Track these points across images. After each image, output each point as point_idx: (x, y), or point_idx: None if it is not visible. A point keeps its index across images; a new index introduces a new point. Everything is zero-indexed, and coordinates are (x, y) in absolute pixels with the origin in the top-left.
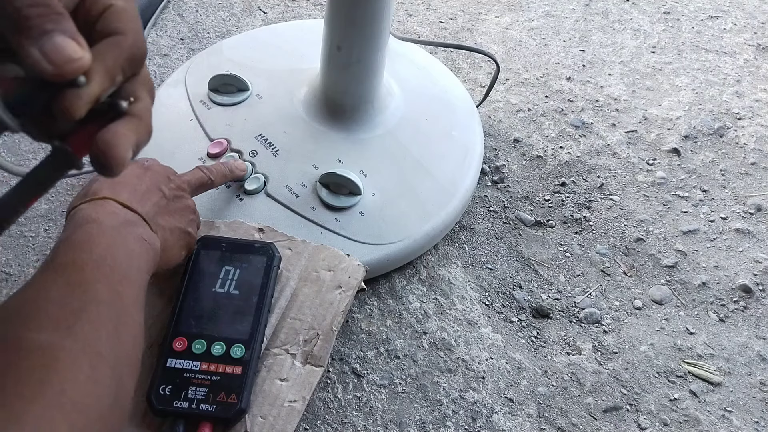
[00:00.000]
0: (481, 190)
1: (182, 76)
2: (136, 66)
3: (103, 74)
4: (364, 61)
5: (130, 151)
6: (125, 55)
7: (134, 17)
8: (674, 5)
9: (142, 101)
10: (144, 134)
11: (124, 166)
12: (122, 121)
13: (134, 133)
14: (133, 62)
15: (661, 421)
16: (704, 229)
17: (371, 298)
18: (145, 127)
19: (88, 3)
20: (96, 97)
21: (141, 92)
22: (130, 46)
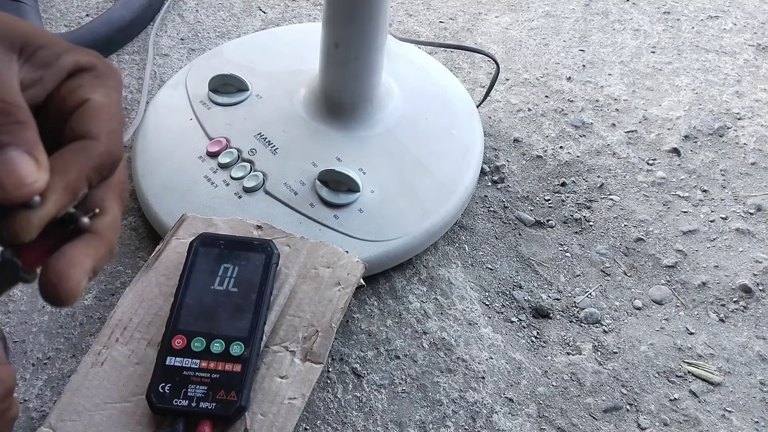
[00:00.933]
0: (481, 189)
1: (183, 78)
2: (106, 174)
3: (62, 192)
4: (362, 58)
5: (85, 281)
6: (93, 165)
7: (112, 116)
8: (674, 5)
9: (109, 213)
10: (104, 255)
11: (78, 297)
12: (80, 240)
13: (92, 257)
14: (102, 171)
15: (661, 421)
16: (704, 229)
17: (371, 297)
18: (106, 246)
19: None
20: (50, 218)
21: (109, 202)
22: (100, 154)
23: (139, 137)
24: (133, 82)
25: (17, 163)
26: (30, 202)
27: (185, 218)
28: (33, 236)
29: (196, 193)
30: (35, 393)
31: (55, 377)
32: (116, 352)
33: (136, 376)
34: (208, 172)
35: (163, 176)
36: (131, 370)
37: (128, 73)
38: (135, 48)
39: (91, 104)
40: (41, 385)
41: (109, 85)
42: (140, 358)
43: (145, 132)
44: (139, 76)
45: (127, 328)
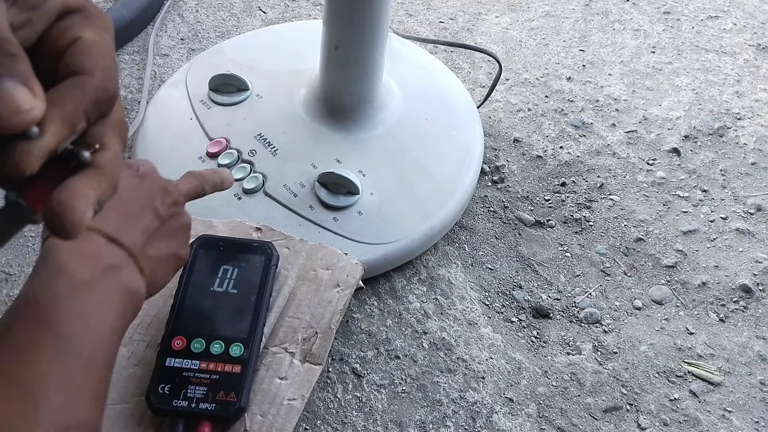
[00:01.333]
0: (481, 190)
1: (183, 76)
2: (103, 109)
3: (61, 123)
4: (362, 60)
5: (90, 212)
6: (89, 99)
7: (105, 53)
8: (674, 5)
9: (109, 149)
10: (108, 189)
11: (83, 228)
12: (82, 174)
13: (95, 189)
14: (99, 106)
15: (661, 421)
16: (704, 229)
17: (371, 298)
18: (109, 180)
19: (54, 33)
20: (51, 150)
21: (108, 138)
22: (95, 89)
23: (139, 137)
24: (133, 82)
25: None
26: (28, 132)
27: None
28: (34, 168)
29: None
30: None
31: None
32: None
33: (136, 377)
34: None
35: None
36: (131, 372)
37: (128, 73)
38: (135, 48)
39: (83, 42)
40: None
41: (100, 24)
42: (140, 359)
43: (145, 132)
44: (139, 76)
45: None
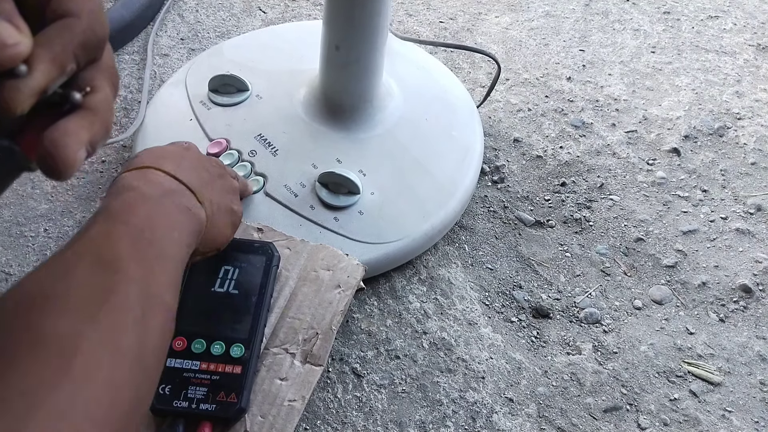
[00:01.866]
0: (481, 190)
1: (183, 77)
2: (92, 52)
3: (49, 62)
4: (362, 60)
5: (83, 150)
6: (77, 40)
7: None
8: (674, 5)
9: (100, 92)
10: (100, 130)
11: (75, 167)
12: (74, 115)
13: (87, 129)
14: (87, 48)
15: (661, 421)
16: (704, 229)
17: (371, 298)
18: (101, 121)
19: None
20: (40, 89)
21: (99, 81)
22: (83, 30)
23: (139, 138)
24: (133, 82)
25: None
26: (16, 70)
27: None
28: (24, 107)
29: None
30: None
31: None
32: None
33: None
34: None
35: None
36: None
37: (128, 73)
38: (135, 48)
39: None
40: None
41: None
42: None
43: (145, 133)
44: (139, 76)
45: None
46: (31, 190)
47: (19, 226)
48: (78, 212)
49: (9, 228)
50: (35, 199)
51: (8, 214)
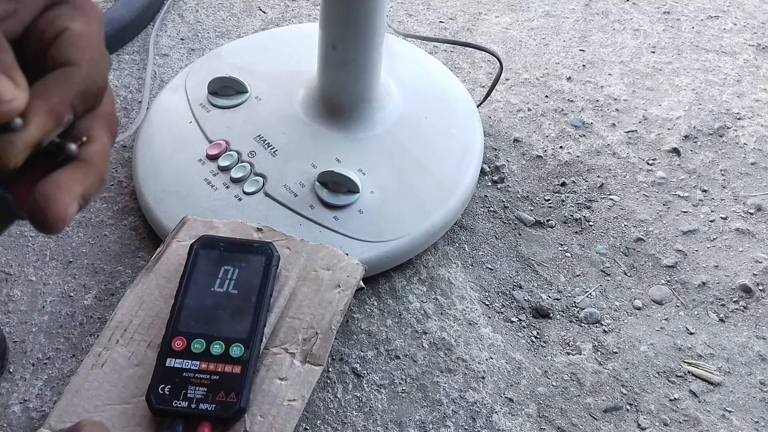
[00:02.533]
0: (481, 189)
1: (182, 81)
2: (91, 101)
3: (45, 115)
4: (359, 59)
5: (74, 205)
6: (76, 91)
7: (92, 44)
8: (674, 5)
9: (97, 142)
10: (94, 182)
11: (66, 222)
12: (68, 167)
13: (81, 183)
14: (86, 98)
15: (661, 421)
16: (704, 229)
17: (371, 297)
18: (96, 174)
19: (41, 25)
20: (35, 142)
21: (97, 131)
22: (83, 80)
23: (140, 140)
24: (133, 82)
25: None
26: (12, 124)
27: (186, 221)
28: (18, 161)
29: (197, 196)
30: (35, 393)
31: (55, 377)
32: (116, 353)
33: (136, 378)
34: (208, 174)
35: (163, 179)
36: (131, 372)
37: (128, 73)
38: (135, 48)
39: (70, 32)
40: (41, 385)
41: (88, 15)
42: (140, 359)
43: (145, 135)
44: (139, 76)
45: (128, 329)
46: None
47: (19, 226)
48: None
49: (9, 228)
50: None
51: None
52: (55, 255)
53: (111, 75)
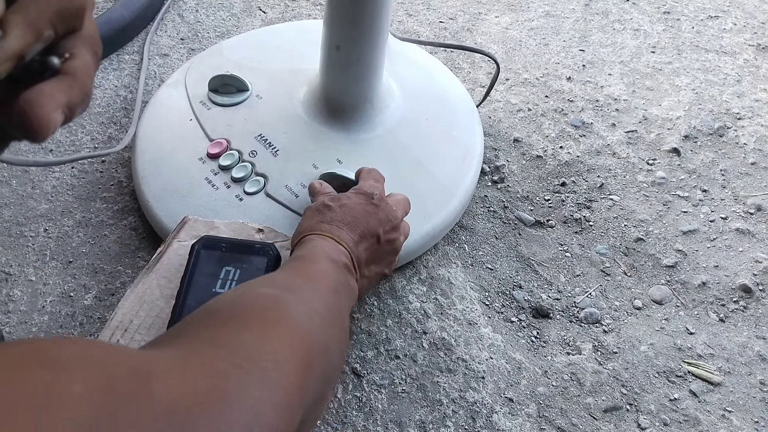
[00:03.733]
0: (481, 190)
1: (182, 77)
2: (71, 19)
3: (23, 27)
4: (363, 61)
5: (58, 113)
6: (54, 8)
7: None
8: (674, 5)
9: (79, 58)
10: (78, 95)
11: (50, 127)
12: (52, 80)
13: (64, 92)
14: (64, 15)
15: (661, 421)
16: (704, 229)
17: (371, 298)
18: (79, 86)
19: None
20: (16, 53)
21: (79, 49)
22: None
23: (139, 138)
24: (133, 82)
25: None
26: None
27: (186, 220)
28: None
29: (197, 196)
30: None
31: None
32: None
33: None
34: (209, 174)
35: (163, 178)
36: None
37: (128, 73)
38: (135, 48)
39: None
40: None
41: None
42: None
43: (145, 133)
44: (138, 76)
45: (128, 330)
46: (31, 190)
47: (19, 226)
48: (78, 212)
49: (9, 228)
50: (35, 199)
51: (8, 214)
52: (55, 255)
53: (111, 75)
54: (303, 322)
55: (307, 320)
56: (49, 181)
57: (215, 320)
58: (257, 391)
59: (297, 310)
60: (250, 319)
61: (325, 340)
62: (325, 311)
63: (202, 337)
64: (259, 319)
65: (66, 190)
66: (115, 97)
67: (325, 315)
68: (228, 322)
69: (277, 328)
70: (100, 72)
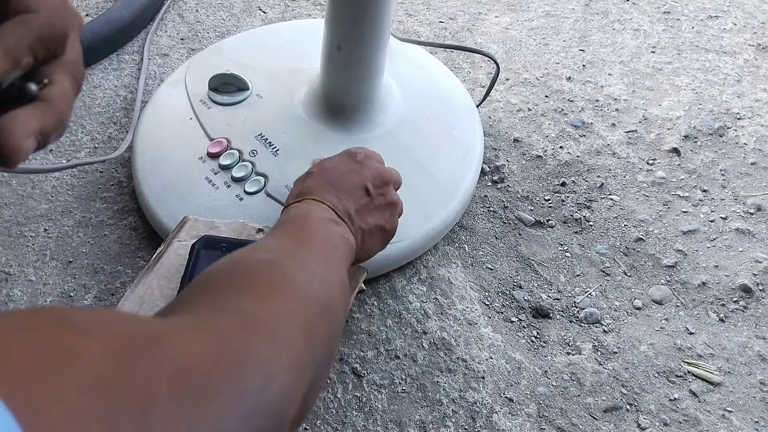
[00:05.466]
0: (481, 190)
1: (182, 76)
2: (51, 45)
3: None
4: (364, 61)
5: (31, 139)
6: (34, 35)
7: None
8: (674, 5)
9: (58, 85)
10: (52, 121)
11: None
12: (27, 106)
13: (38, 119)
14: (45, 42)
15: (661, 421)
16: (704, 229)
17: (371, 298)
18: (54, 112)
19: None
20: None
21: (59, 75)
22: (40, 25)
23: (139, 137)
24: (133, 82)
25: None
26: None
27: (186, 220)
28: None
29: (197, 195)
30: None
31: None
32: None
33: None
34: (209, 173)
35: (163, 177)
36: None
37: (128, 73)
38: (135, 48)
39: None
40: None
41: None
42: None
43: (144, 132)
44: (138, 76)
45: None
46: (31, 190)
47: (19, 226)
48: (78, 212)
49: (9, 228)
50: (35, 199)
51: (8, 214)
52: (55, 255)
53: (111, 75)
54: (303, 285)
55: (307, 282)
56: (49, 181)
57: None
58: (266, 353)
59: (296, 273)
60: (251, 285)
61: (327, 298)
62: (323, 272)
63: (208, 304)
64: (260, 284)
65: (66, 190)
66: (115, 97)
67: (323, 275)
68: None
69: (279, 292)
70: (100, 72)
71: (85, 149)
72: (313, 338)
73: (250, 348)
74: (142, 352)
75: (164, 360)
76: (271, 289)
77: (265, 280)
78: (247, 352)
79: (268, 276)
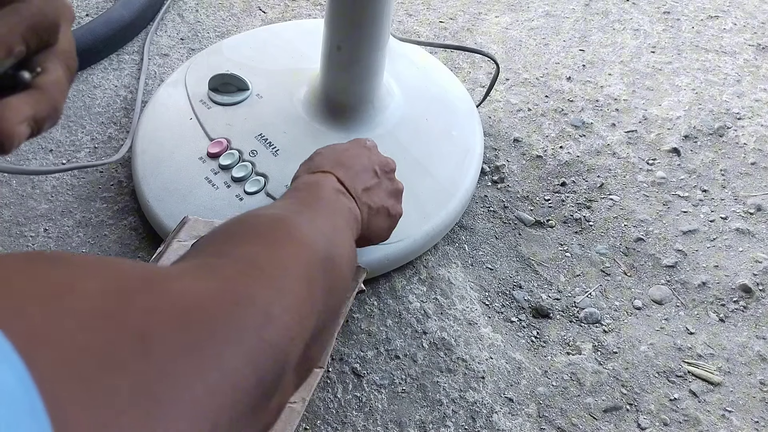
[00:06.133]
0: (481, 190)
1: (182, 76)
2: (44, 35)
3: None
4: (364, 61)
5: (24, 126)
6: (26, 24)
7: None
8: (674, 5)
9: (51, 73)
10: (45, 108)
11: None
12: (21, 93)
13: (31, 106)
14: (37, 31)
15: (661, 421)
16: (704, 229)
17: (371, 298)
18: (48, 100)
19: None
20: None
21: (52, 63)
22: (32, 14)
23: (139, 137)
24: (133, 82)
25: None
26: None
27: (187, 220)
28: None
29: (197, 195)
30: None
31: None
32: None
33: None
34: (209, 173)
35: (163, 178)
36: None
37: (128, 73)
38: (135, 48)
39: None
40: None
41: None
42: None
43: (144, 132)
44: (138, 76)
45: None
46: (31, 190)
47: (19, 226)
48: (78, 212)
49: (9, 228)
50: (35, 199)
51: (8, 214)
52: None
53: (111, 75)
54: (307, 236)
55: (311, 235)
56: (48, 181)
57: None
58: (266, 295)
59: (301, 226)
60: (255, 234)
61: (331, 253)
62: (328, 229)
63: (209, 253)
64: (263, 234)
65: (66, 190)
66: (115, 97)
67: (328, 232)
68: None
69: (282, 242)
70: (100, 72)
71: (85, 149)
72: (315, 287)
73: (249, 291)
74: (141, 290)
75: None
76: (274, 238)
77: (269, 230)
78: (247, 292)
79: (272, 227)
